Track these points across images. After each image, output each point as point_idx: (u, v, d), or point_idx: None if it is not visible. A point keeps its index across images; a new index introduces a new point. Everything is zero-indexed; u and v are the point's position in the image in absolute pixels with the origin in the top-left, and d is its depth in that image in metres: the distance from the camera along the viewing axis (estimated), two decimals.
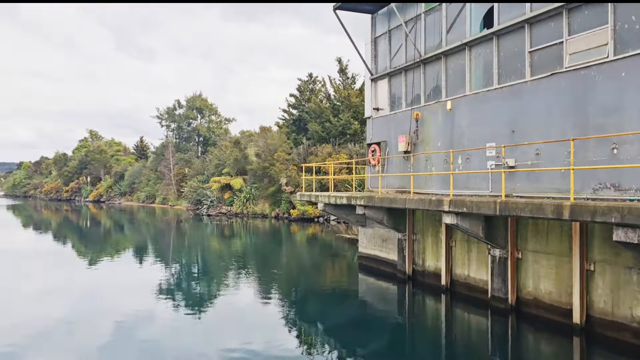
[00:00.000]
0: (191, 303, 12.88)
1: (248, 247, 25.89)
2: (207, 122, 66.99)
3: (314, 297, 14.01)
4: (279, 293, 14.76)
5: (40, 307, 12.01)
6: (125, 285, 15.14)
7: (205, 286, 15.26)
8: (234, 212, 43.20)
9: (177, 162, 61.74)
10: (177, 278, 16.54)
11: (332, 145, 40.80)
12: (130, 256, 22.88)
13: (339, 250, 23.11)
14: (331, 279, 16.49)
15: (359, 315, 12.33)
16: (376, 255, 16.06)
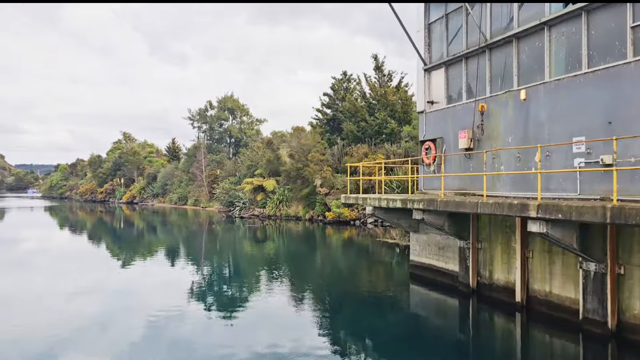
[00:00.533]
0: (222, 305, 12.64)
1: (281, 250, 24.62)
2: (238, 123, 66.35)
3: (357, 307, 12.59)
4: (317, 300, 13.44)
5: (76, 305, 12.21)
6: (158, 285, 15.21)
7: (237, 289, 14.64)
8: (266, 214, 42.10)
9: (209, 164, 61.21)
10: (209, 280, 16.18)
11: (368, 145, 39.26)
12: (162, 257, 22.48)
13: (381, 256, 21.54)
14: (376, 288, 14.95)
15: (411, 331, 10.86)
16: (431, 265, 14.45)
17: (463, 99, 13.44)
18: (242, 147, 62.13)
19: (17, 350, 8.78)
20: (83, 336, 9.80)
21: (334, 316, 11.97)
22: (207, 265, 19.40)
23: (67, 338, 9.64)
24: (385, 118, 39.07)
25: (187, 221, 43.77)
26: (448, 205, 10.93)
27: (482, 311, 12.05)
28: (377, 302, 13.13)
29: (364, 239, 28.50)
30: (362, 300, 13.22)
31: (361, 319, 11.51)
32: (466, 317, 11.96)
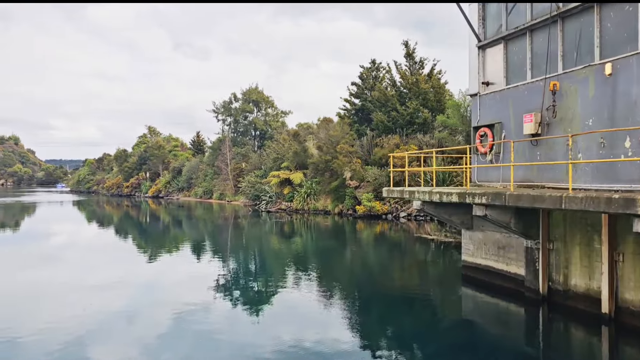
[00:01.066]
0: (248, 300, 12.43)
1: (310, 246, 23.34)
2: (263, 116, 65.21)
3: (397, 310, 11.18)
4: (349, 300, 12.30)
5: (104, 298, 12.21)
6: (184, 279, 15.05)
7: (264, 284, 14.21)
8: (293, 208, 40.84)
9: (234, 157, 60.30)
10: (235, 274, 15.88)
11: (399, 135, 37.54)
12: (189, 251, 22.00)
13: (419, 253, 19.95)
14: (418, 289, 13.45)
15: (466, 340, 9.43)
16: (489, 266, 12.85)
17: (527, 78, 11.73)
18: (267, 139, 60.99)
19: (47, 342, 8.87)
20: (110, 328, 9.82)
21: (368, 319, 10.71)
22: (233, 260, 18.90)
23: (94, 330, 9.67)
24: (417, 107, 37.27)
25: (213, 215, 42.85)
26: (520, 200, 9.33)
27: (556, 322, 10.44)
28: (420, 306, 11.70)
29: (397, 234, 26.97)
30: (402, 303, 11.81)
31: (401, 323, 10.19)
32: (535, 327, 10.37)
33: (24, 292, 13.09)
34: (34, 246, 23.25)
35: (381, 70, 43.53)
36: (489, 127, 12.73)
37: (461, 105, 34.77)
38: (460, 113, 34.91)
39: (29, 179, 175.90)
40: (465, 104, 34.87)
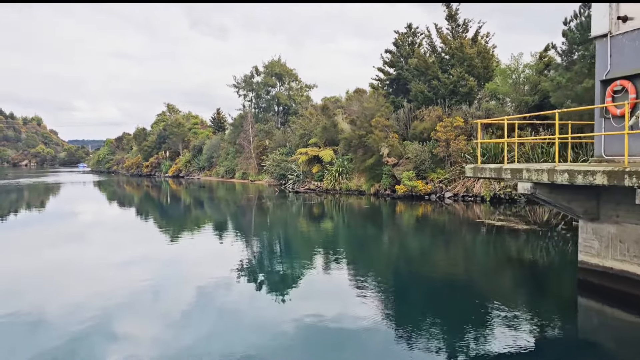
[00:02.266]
0: (272, 283, 11.68)
1: (343, 230, 20.45)
2: (286, 90, 61.63)
3: (483, 327, 7.96)
4: (401, 304, 8.95)
5: (124, 277, 12.20)
6: (207, 259, 14.77)
7: (290, 269, 13.04)
8: (324, 188, 37.62)
9: (257, 134, 57.13)
10: (259, 258, 14.69)
11: (442, 107, 33.76)
12: (211, 233, 20.90)
13: (498, 245, 16.49)
14: (510, 299, 10.07)
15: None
16: (625, 271, 9.42)
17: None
18: (292, 115, 57.58)
19: (74, 316, 9.07)
20: (133, 307, 9.78)
21: (432, 338, 7.58)
22: (257, 243, 17.60)
23: (117, 309, 9.54)
24: (462, 75, 33.33)
25: (236, 196, 39.91)
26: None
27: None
28: (519, 322, 8.36)
29: (447, 217, 23.57)
30: (490, 316, 8.53)
31: (493, 345, 6.97)
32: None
33: (51, 269, 13.28)
34: (59, 226, 23.14)
35: (418, 36, 39.48)
36: (629, 79, 9.15)
37: (514, 71, 30.77)
38: (513, 80, 30.95)
39: (51, 159, 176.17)
40: (519, 69, 30.88)
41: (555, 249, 15.27)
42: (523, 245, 15.68)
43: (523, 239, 16.52)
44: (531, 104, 30.04)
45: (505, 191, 26.99)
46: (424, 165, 30.76)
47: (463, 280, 11.61)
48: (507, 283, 11.55)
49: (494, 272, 12.68)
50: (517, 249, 15.40)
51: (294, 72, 62.01)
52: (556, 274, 12.19)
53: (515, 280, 11.74)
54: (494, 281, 11.77)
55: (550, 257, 14.13)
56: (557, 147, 10.17)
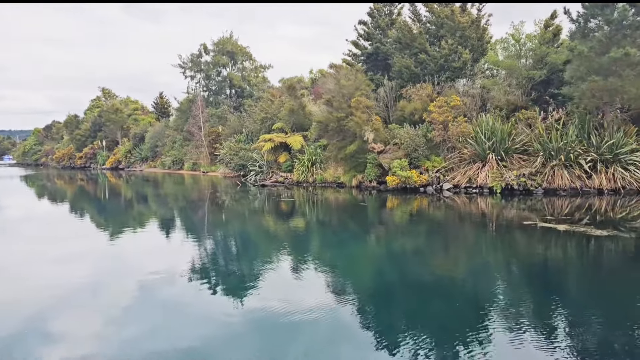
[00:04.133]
0: (224, 285, 9.61)
1: (321, 234, 15.30)
2: (240, 71, 55.39)
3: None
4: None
5: (59, 274, 10.76)
6: (148, 258, 12.37)
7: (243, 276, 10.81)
8: (294, 181, 32.40)
9: (208, 120, 50.83)
10: (210, 259, 12.29)
11: (432, 84, 29.37)
12: (156, 232, 17.46)
13: (598, 270, 11.91)
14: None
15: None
16: None
17: None
18: (246, 98, 51.64)
19: (4, 316, 8.13)
20: (69, 304, 8.76)
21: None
22: (210, 242, 14.68)
23: (51, 307, 8.60)
24: (454, 47, 28.98)
25: (187, 189, 33.82)
26: None
27: None
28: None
29: (446, 211, 18.98)
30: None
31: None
32: None
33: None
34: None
35: (396, 5, 34.80)
36: None
37: (518, 41, 26.68)
38: (516, 52, 26.88)
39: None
40: (521, 40, 26.82)
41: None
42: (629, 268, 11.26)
43: (631, 256, 12.04)
44: (537, 80, 26.10)
45: (519, 181, 22.91)
46: (417, 152, 26.23)
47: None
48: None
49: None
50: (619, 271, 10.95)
51: (248, 50, 55.85)
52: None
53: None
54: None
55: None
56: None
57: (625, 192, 21.78)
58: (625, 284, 9.50)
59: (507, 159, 24.27)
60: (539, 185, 22.87)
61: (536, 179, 23.00)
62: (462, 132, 25.29)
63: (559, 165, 22.60)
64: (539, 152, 23.53)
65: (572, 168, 22.57)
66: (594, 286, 9.57)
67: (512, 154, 24.42)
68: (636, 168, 21.95)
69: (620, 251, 11.97)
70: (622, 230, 14.00)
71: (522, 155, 24.48)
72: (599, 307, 8.19)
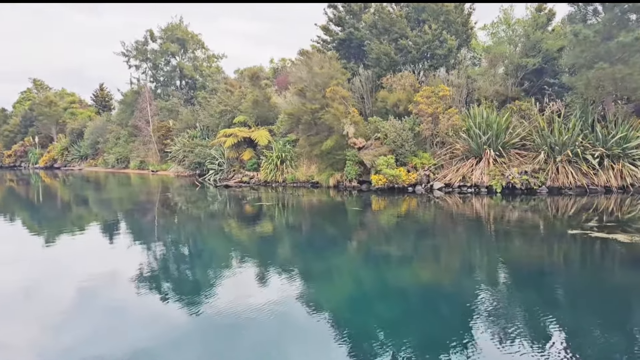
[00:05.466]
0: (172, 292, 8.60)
1: (296, 243, 12.26)
2: (191, 60, 50.87)
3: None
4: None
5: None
6: (88, 264, 10.87)
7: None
8: (261, 180, 28.96)
9: (157, 113, 46.20)
10: (159, 265, 10.71)
11: (413, 72, 26.82)
12: (94, 241, 14.42)
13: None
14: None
15: None
16: None
17: None
18: (199, 89, 47.39)
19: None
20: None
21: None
22: (160, 248, 12.80)
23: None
24: (438, 32, 26.50)
25: (134, 191, 29.53)
26: None
27: None
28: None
29: (442, 215, 16.37)
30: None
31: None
32: None
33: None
34: None
35: None
36: None
37: (510, 25, 24.52)
38: (507, 37, 24.72)
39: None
40: (512, 24, 24.71)
41: None
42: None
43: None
44: (530, 68, 24.06)
45: (521, 179, 20.68)
46: (403, 148, 23.54)
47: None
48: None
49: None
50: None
51: (200, 38, 51.39)
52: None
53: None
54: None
55: None
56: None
57: (635, 189, 20.03)
58: None
59: (505, 154, 22.02)
60: (542, 184, 20.74)
61: (539, 176, 20.86)
62: (454, 126, 22.82)
63: (564, 162, 20.54)
64: (540, 147, 21.42)
65: (577, 164, 20.58)
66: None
67: (509, 150, 22.21)
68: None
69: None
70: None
71: (520, 150, 22.33)
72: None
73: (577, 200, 18.60)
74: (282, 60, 42.97)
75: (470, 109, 23.72)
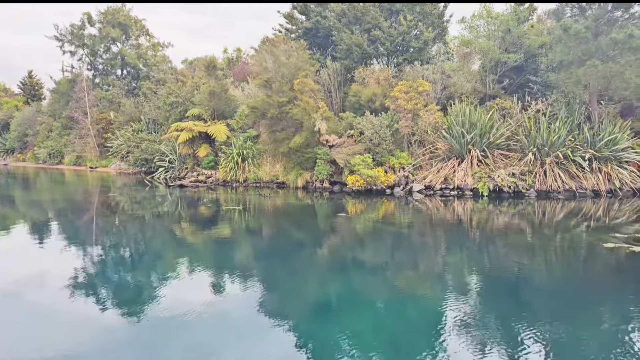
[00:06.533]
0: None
1: (257, 249, 10.51)
2: (134, 48, 46.68)
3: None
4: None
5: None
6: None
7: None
8: (220, 180, 26.21)
9: (96, 104, 41.92)
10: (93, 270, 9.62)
11: (387, 66, 25.10)
12: (20, 244, 12.70)
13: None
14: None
15: None
16: None
17: None
18: (143, 79, 43.54)
19: None
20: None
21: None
22: (96, 255, 11.05)
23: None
24: (414, 24, 24.89)
25: (69, 190, 25.80)
26: None
27: None
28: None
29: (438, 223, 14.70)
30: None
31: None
32: None
33: None
34: None
35: None
36: None
37: (495, 18, 23.33)
38: (488, 30, 23.52)
39: None
40: (492, 18, 23.55)
41: None
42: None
43: None
44: (511, 65, 22.94)
45: (510, 182, 19.37)
46: (380, 147, 21.70)
47: None
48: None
49: None
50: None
51: (144, 24, 47.29)
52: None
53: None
54: None
55: None
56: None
57: (623, 194, 19.24)
58: None
59: (489, 155, 20.68)
60: (530, 187, 19.54)
61: (527, 179, 19.64)
62: (436, 123, 21.23)
63: (552, 163, 19.43)
64: (526, 148, 20.23)
65: (565, 166, 19.54)
66: None
67: (493, 150, 20.91)
68: (631, 167, 19.52)
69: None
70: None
71: (504, 151, 21.08)
72: None
73: (570, 205, 17.46)
74: (237, 50, 40.14)
75: (451, 106, 22.25)
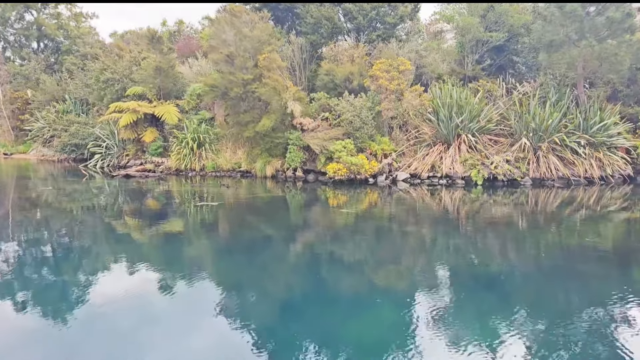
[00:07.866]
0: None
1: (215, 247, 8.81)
2: (53, 17, 40.82)
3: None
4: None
5: None
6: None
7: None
8: (172, 168, 22.88)
9: (10, 81, 36.22)
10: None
11: (358, 42, 22.99)
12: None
13: None
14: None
15: None
16: None
17: None
18: (66, 54, 38.21)
19: None
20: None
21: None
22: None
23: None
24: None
25: None
26: None
27: None
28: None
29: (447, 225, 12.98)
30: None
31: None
32: None
33: None
34: None
35: None
36: None
37: None
38: (470, 7, 22.07)
39: None
40: None
41: None
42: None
43: None
44: (493, 44, 21.64)
45: (505, 169, 18.03)
46: (361, 131, 19.58)
47: None
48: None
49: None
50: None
51: None
52: None
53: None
54: None
55: None
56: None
57: (615, 181, 18.59)
58: None
59: (478, 140, 19.25)
60: (525, 174, 18.35)
61: (520, 166, 18.42)
62: (423, 105, 19.43)
63: (547, 150, 18.33)
64: (517, 132, 19.01)
65: (560, 153, 18.53)
66: None
67: (482, 135, 19.51)
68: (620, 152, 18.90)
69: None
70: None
71: (492, 136, 19.76)
72: None
73: (571, 193, 16.41)
74: (179, 22, 36.02)
75: (435, 88, 20.54)
